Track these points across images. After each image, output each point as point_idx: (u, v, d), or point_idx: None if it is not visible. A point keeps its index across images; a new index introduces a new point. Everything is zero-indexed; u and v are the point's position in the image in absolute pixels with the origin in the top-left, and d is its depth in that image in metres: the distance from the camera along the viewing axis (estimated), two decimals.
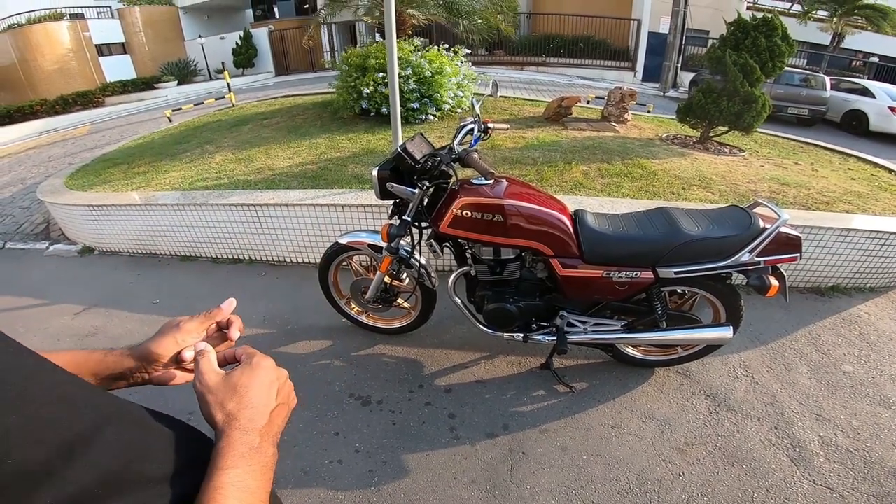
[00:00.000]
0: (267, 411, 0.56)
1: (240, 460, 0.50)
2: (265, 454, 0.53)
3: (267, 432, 0.54)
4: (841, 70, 15.59)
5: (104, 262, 4.03)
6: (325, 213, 3.37)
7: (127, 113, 12.28)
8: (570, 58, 15.29)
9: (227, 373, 0.58)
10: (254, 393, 0.56)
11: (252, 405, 0.55)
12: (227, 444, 0.51)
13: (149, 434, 0.52)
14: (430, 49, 6.14)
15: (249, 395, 0.55)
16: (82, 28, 17.74)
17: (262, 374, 0.58)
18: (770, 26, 4.99)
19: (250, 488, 0.49)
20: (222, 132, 6.12)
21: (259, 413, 0.55)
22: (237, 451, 0.50)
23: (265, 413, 0.55)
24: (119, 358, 0.65)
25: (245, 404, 0.54)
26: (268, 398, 0.57)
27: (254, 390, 0.56)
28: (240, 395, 0.55)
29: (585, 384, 2.36)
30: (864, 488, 1.85)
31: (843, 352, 2.64)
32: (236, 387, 0.56)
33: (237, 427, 0.52)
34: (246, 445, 0.51)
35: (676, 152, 4.86)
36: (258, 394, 0.56)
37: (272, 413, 0.56)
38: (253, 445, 0.52)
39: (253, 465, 0.50)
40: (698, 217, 2.02)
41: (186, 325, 0.67)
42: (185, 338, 0.67)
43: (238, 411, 0.54)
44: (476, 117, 2.14)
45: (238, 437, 0.52)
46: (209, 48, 18.67)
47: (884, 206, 3.73)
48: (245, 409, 0.54)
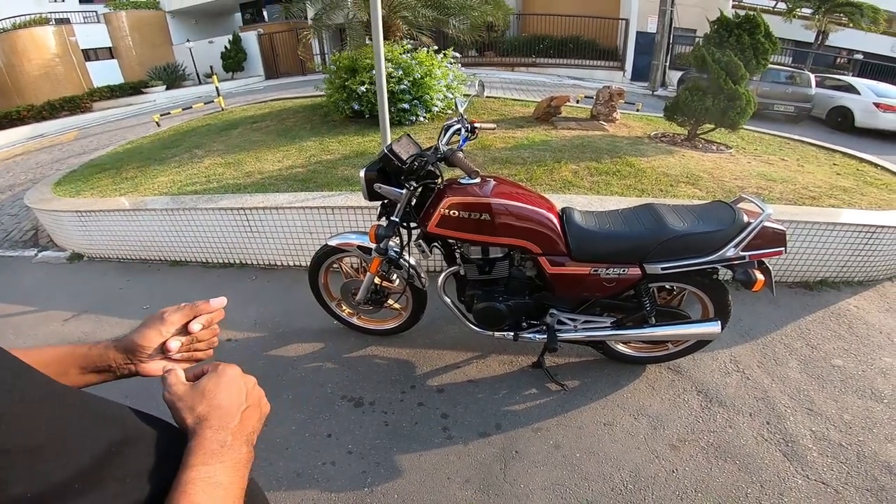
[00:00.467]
0: (237, 412, 0.57)
1: (210, 457, 0.51)
2: (237, 452, 0.54)
3: (238, 431, 0.56)
4: (826, 67, 15.81)
5: (93, 268, 3.99)
6: (315, 215, 3.36)
7: (115, 118, 12.17)
8: (560, 58, 15.37)
9: (194, 382, 0.60)
10: (222, 395, 0.58)
11: (221, 406, 0.56)
12: (198, 443, 0.52)
13: (128, 431, 0.53)
14: (420, 51, 6.15)
15: (218, 398, 0.57)
16: (68, 33, 17.57)
17: (229, 379, 0.60)
18: (753, 24, 5.04)
19: (221, 484, 0.50)
20: (211, 136, 6.08)
21: (229, 413, 0.56)
22: (207, 449, 0.52)
23: (235, 413, 0.57)
24: (103, 351, 0.66)
25: (214, 405, 0.56)
26: (237, 399, 0.59)
27: (222, 393, 0.58)
28: (208, 398, 0.57)
29: (577, 382, 2.36)
30: (858, 483, 1.85)
31: (832, 346, 2.66)
32: (204, 391, 0.58)
33: (207, 426, 0.54)
34: (217, 443, 0.53)
35: (664, 150, 4.89)
36: (226, 396, 0.58)
37: (243, 413, 0.58)
38: (224, 443, 0.53)
39: (224, 461, 0.52)
40: (684, 213, 2.04)
41: (171, 317, 0.68)
42: (170, 329, 0.67)
43: (208, 412, 0.55)
44: (460, 117, 2.15)
45: (209, 435, 0.53)
46: (198, 52, 18.57)
47: (870, 201, 3.78)
48: (214, 409, 0.56)
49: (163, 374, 0.61)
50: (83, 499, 0.42)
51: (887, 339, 2.73)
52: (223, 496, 0.49)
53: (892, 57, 16.85)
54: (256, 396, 0.63)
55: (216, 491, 0.49)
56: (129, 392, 2.34)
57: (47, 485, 0.40)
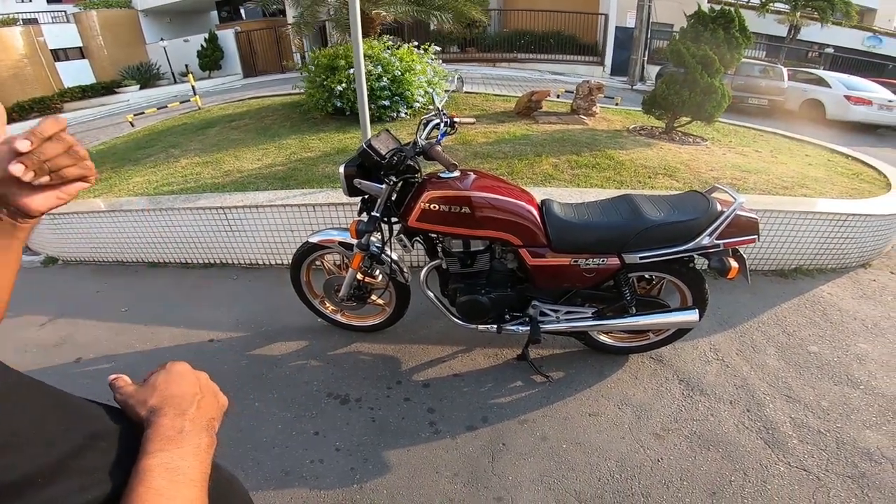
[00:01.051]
0: (192, 399, 0.57)
1: (167, 443, 0.51)
2: (196, 438, 0.54)
3: (196, 418, 0.56)
4: (798, 61, 16.16)
5: (69, 271, 3.88)
6: (297, 213, 3.33)
7: (87, 119, 11.83)
8: (541, 53, 15.43)
9: (144, 381, 0.60)
10: (174, 386, 0.58)
11: (174, 395, 0.57)
12: (154, 431, 0.52)
13: (95, 425, 0.52)
14: (401, 47, 6.11)
15: (170, 389, 0.57)
16: (36, 33, 17.03)
17: (179, 372, 0.60)
18: (728, 18, 5.13)
19: (180, 469, 0.50)
20: (188, 136, 5.97)
21: (184, 400, 0.57)
22: (164, 436, 0.52)
23: (190, 401, 0.57)
24: None
25: (167, 395, 0.56)
26: (190, 389, 0.59)
27: (173, 384, 0.58)
28: (160, 390, 0.57)
29: (562, 373, 2.38)
30: (839, 469, 1.88)
31: (808, 332, 2.73)
32: (155, 385, 0.58)
33: (163, 415, 0.54)
34: (173, 430, 0.53)
35: (643, 143, 4.96)
36: (179, 385, 0.58)
37: (199, 402, 0.58)
38: (180, 429, 0.53)
39: (183, 447, 0.52)
40: (660, 203, 2.07)
41: None
42: None
43: (161, 402, 0.55)
44: (438, 111, 2.14)
45: (165, 423, 0.53)
46: (172, 51, 18.15)
47: (840, 190, 3.89)
48: (168, 398, 0.56)
49: (110, 382, 0.60)
50: (45, 492, 0.41)
51: (861, 325, 2.81)
52: (183, 481, 0.49)
53: (862, 50, 17.33)
54: (211, 388, 0.63)
55: (176, 476, 0.49)
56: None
57: (5, 479, 0.39)
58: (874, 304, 3.04)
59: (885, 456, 1.95)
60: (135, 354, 2.65)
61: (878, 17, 20.50)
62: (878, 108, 9.50)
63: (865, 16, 19.48)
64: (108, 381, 0.60)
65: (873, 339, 2.69)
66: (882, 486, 1.82)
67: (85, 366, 2.58)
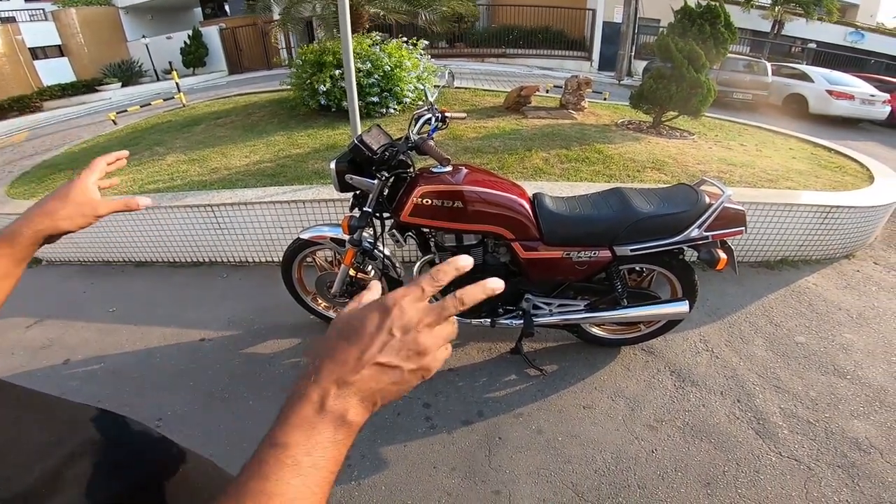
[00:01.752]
0: (358, 354, 0.40)
1: (295, 432, 0.38)
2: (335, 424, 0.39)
3: (353, 386, 0.40)
4: (781, 56, 16.37)
5: (54, 272, 3.81)
6: (286, 210, 3.29)
7: (67, 117, 11.59)
8: (530, 49, 15.47)
9: None
10: (348, 329, 0.42)
11: (337, 346, 0.41)
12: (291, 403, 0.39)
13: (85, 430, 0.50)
14: (390, 42, 6.07)
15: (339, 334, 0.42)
16: (14, 32, 16.67)
17: (366, 306, 0.43)
18: (714, 14, 5.18)
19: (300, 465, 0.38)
20: (173, 133, 5.88)
21: (345, 357, 0.40)
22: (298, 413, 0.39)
23: (354, 358, 0.40)
24: None
25: (329, 348, 0.41)
26: (366, 336, 0.41)
27: (349, 325, 0.42)
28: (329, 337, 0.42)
29: (555, 366, 2.40)
30: (829, 459, 1.91)
31: (794, 323, 2.77)
32: (332, 329, 0.43)
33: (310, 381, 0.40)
34: (312, 406, 0.39)
35: (631, 137, 5.00)
36: (351, 329, 0.41)
37: (365, 368, 0.40)
38: (319, 407, 0.39)
39: (313, 437, 0.38)
40: (649, 195, 2.09)
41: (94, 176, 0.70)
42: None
43: (321, 359, 0.41)
44: (430, 106, 2.14)
45: (308, 392, 0.39)
46: (155, 48, 17.87)
47: (824, 183, 3.95)
48: (328, 352, 0.41)
49: None
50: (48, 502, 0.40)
51: (846, 315, 2.86)
52: (300, 485, 0.37)
53: (845, 46, 17.61)
54: (411, 349, 0.41)
55: (293, 478, 0.37)
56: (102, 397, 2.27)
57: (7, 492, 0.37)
58: (858, 294, 3.10)
59: (874, 445, 1.98)
60: (124, 355, 2.61)
61: (860, 12, 20.84)
62: (859, 102, 9.67)
63: (848, 11, 19.79)
64: None
65: (858, 328, 2.74)
66: (871, 474, 1.85)
67: (73, 367, 2.54)
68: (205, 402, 2.25)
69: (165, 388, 2.33)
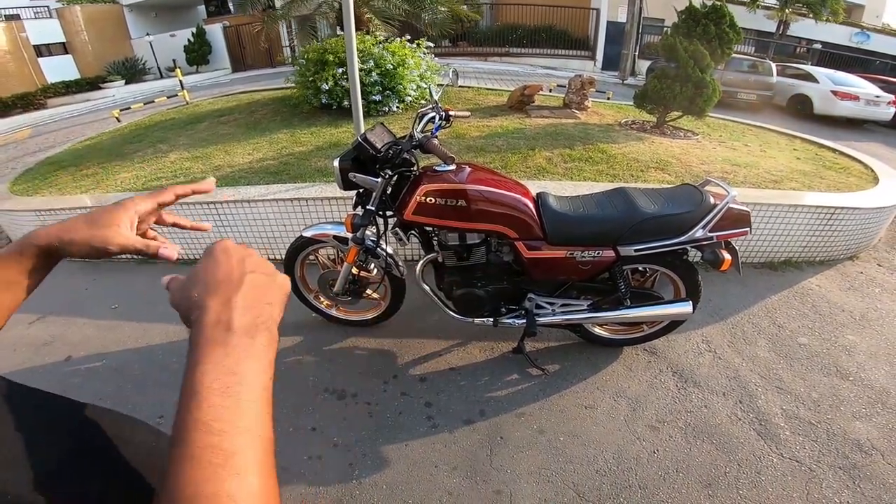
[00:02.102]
0: (237, 279, 0.46)
1: (214, 347, 0.41)
2: (247, 335, 0.43)
3: (245, 307, 0.45)
4: (786, 56, 16.31)
5: (57, 268, 3.69)
6: (289, 207, 3.30)
7: (71, 114, 11.63)
8: (533, 48, 15.45)
9: None
10: (211, 268, 0.47)
11: (215, 281, 0.46)
12: (197, 332, 0.43)
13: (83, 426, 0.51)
14: (393, 41, 6.07)
15: (208, 272, 0.47)
16: (18, 29, 16.72)
17: (222, 249, 0.49)
18: (719, 14, 5.16)
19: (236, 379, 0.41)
20: (176, 131, 5.89)
21: (229, 283, 0.46)
22: (209, 338, 0.42)
23: (236, 282, 0.46)
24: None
25: (209, 282, 0.46)
26: (231, 267, 0.47)
27: (210, 266, 0.47)
28: (202, 276, 0.47)
29: (557, 366, 2.39)
30: (830, 461, 1.91)
31: (797, 324, 2.76)
32: (197, 272, 0.48)
33: (206, 310, 0.44)
34: (219, 327, 0.43)
35: (635, 137, 4.99)
36: (218, 267, 0.47)
37: (246, 280, 0.46)
38: (227, 326, 0.43)
39: (234, 350, 0.42)
40: (654, 196, 2.08)
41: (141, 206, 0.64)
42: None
43: (203, 293, 0.45)
44: (434, 104, 2.13)
45: (209, 319, 0.43)
46: (159, 46, 17.91)
47: (828, 184, 3.93)
48: (210, 286, 0.46)
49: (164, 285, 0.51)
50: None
51: (849, 316, 2.85)
52: (243, 393, 0.40)
53: (850, 46, 17.53)
54: (264, 266, 0.50)
55: (232, 388, 0.39)
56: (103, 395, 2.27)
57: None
58: (862, 295, 3.09)
59: (875, 447, 1.98)
60: (126, 352, 2.62)
61: (865, 13, 20.73)
62: (864, 103, 9.63)
63: (853, 12, 19.69)
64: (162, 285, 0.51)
65: (861, 330, 2.73)
66: (872, 476, 1.85)
67: (75, 364, 2.54)
68: None
69: (167, 386, 2.33)
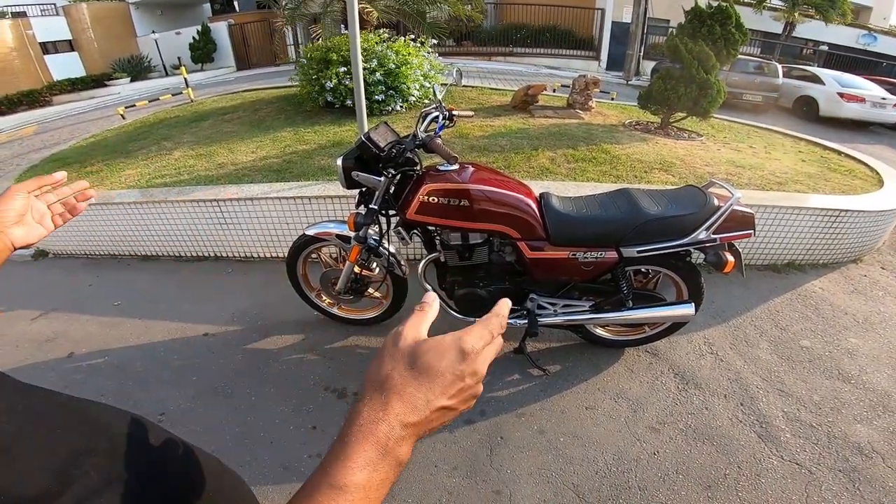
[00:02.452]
0: (422, 403, 0.40)
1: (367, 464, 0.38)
2: (399, 454, 0.39)
3: (423, 425, 0.40)
4: (792, 58, 16.22)
5: (60, 264, 3.84)
6: (292, 205, 3.30)
7: (77, 111, 11.68)
8: (537, 48, 15.42)
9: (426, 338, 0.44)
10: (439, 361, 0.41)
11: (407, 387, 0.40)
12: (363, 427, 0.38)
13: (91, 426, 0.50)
14: (397, 40, 6.07)
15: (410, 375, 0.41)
16: (25, 26, 16.79)
17: (447, 352, 0.42)
18: (725, 15, 5.14)
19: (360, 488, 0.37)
20: (181, 128, 5.90)
21: (429, 393, 0.40)
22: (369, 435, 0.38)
23: (418, 406, 0.40)
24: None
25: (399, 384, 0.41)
26: (435, 389, 0.41)
27: (419, 368, 0.41)
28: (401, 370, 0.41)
29: (558, 367, 2.39)
30: (831, 463, 1.91)
31: (800, 327, 2.75)
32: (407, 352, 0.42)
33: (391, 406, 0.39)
34: (389, 441, 0.39)
35: (638, 138, 4.97)
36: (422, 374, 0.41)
37: (433, 412, 0.40)
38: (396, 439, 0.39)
39: (382, 469, 0.38)
40: (657, 197, 2.07)
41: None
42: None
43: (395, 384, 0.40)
44: (438, 104, 2.13)
45: (384, 426, 0.39)
46: (164, 44, 17.96)
47: (833, 186, 3.91)
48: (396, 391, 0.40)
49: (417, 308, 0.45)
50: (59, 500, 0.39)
51: (852, 320, 2.84)
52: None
53: (857, 48, 17.41)
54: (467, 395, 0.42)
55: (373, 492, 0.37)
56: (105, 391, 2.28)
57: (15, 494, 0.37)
58: (865, 299, 3.07)
59: (876, 450, 1.97)
60: (129, 349, 2.63)
61: (873, 15, 20.60)
62: (870, 105, 9.58)
63: (861, 14, 19.56)
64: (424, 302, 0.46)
65: (864, 333, 2.72)
66: (872, 479, 1.84)
67: (78, 361, 2.56)
68: (208, 397, 2.26)
69: (169, 383, 2.34)
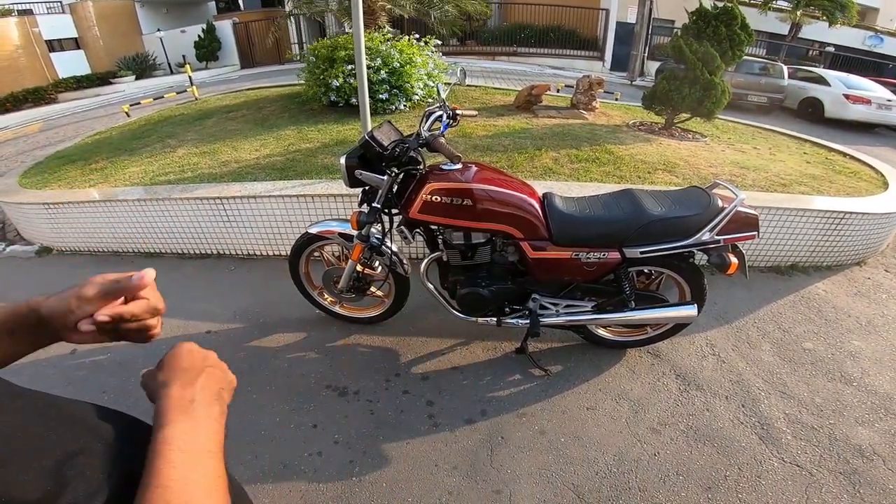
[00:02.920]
0: (199, 369, 0.59)
1: (178, 414, 0.52)
2: (207, 408, 0.55)
3: (205, 388, 0.57)
4: (798, 59, 16.13)
5: (64, 261, 3.86)
6: (295, 203, 3.31)
7: (82, 109, 11.73)
8: (541, 48, 15.41)
9: None
10: (182, 360, 0.59)
11: (182, 367, 0.58)
12: (164, 403, 0.53)
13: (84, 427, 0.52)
14: (401, 39, 6.07)
15: (178, 362, 0.59)
16: (31, 24, 16.85)
17: (186, 348, 0.62)
18: (730, 15, 5.11)
19: (194, 440, 0.50)
20: (185, 126, 5.92)
21: (193, 370, 0.58)
22: (175, 406, 0.53)
23: (199, 371, 0.58)
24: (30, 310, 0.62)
25: (175, 368, 0.58)
26: (195, 361, 0.60)
27: (176, 359, 0.59)
28: (168, 364, 0.59)
29: (560, 367, 2.39)
30: (832, 466, 1.90)
31: (803, 329, 2.74)
32: (164, 361, 0.60)
33: (172, 386, 0.55)
34: (184, 400, 0.54)
35: (642, 138, 4.96)
36: (186, 360, 0.60)
37: (206, 371, 0.59)
38: (191, 399, 0.54)
39: (194, 418, 0.52)
40: (661, 198, 2.07)
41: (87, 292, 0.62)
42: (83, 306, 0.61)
43: (170, 376, 0.57)
44: (442, 103, 2.13)
45: (174, 393, 0.54)
46: (169, 42, 18.01)
47: (838, 188, 3.89)
48: (175, 371, 0.57)
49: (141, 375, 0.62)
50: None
51: (855, 322, 2.83)
52: (200, 451, 0.49)
53: (863, 49, 17.31)
54: (219, 363, 0.63)
55: (192, 447, 0.49)
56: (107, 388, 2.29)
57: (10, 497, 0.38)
58: (868, 301, 3.06)
59: (877, 453, 1.96)
60: (131, 346, 2.60)
61: (880, 16, 20.46)
62: (876, 107, 9.53)
63: (867, 15, 19.44)
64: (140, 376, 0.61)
65: (867, 336, 2.71)
66: (873, 482, 1.84)
67: (80, 358, 2.56)
68: None
69: None
